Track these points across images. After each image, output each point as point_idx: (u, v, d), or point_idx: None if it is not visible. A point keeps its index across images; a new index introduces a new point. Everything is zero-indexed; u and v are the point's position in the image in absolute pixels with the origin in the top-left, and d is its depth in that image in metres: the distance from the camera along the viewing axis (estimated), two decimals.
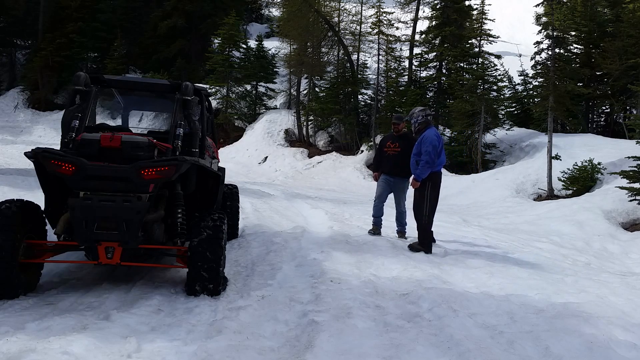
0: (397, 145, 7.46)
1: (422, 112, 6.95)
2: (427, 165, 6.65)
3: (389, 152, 7.53)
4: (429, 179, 6.70)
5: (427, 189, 6.73)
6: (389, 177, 7.52)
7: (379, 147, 7.97)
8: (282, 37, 25.41)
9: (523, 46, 25.71)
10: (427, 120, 6.92)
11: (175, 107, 4.84)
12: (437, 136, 6.84)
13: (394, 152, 7.46)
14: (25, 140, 22.96)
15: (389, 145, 7.58)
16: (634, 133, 12.45)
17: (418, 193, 6.82)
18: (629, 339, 3.84)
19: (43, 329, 3.48)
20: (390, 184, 7.54)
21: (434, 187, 6.79)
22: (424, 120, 6.88)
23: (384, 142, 7.77)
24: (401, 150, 7.35)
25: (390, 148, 7.54)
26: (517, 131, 19.22)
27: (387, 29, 21.73)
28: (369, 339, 3.59)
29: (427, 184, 6.71)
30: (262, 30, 34.78)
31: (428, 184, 6.71)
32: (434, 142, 6.69)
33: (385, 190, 7.57)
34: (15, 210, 4.12)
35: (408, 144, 7.31)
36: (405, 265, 5.75)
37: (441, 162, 6.83)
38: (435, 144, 6.71)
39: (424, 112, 6.94)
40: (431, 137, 6.71)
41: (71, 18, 29.21)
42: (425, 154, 6.64)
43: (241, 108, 25.74)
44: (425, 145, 6.67)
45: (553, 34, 14.98)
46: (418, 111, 6.96)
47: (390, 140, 7.62)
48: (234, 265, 5.47)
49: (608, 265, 7.95)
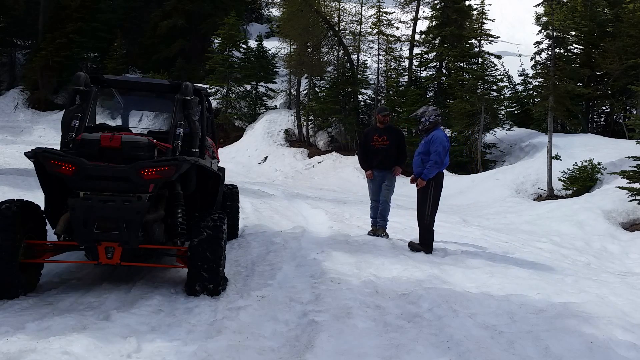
0: (386, 139, 7.36)
1: (435, 111, 6.96)
2: (435, 166, 6.70)
3: (377, 145, 7.39)
4: (433, 179, 6.76)
5: (430, 188, 6.77)
6: (377, 171, 7.44)
7: (363, 141, 7.73)
8: (282, 37, 25.39)
9: (523, 46, 25.70)
10: (437, 120, 6.93)
11: (175, 107, 4.83)
12: (446, 137, 6.91)
13: (382, 146, 7.35)
14: (25, 140, 22.95)
15: (376, 139, 7.41)
16: (634, 133, 12.45)
17: (421, 193, 6.84)
18: (629, 339, 3.84)
19: (43, 329, 3.48)
20: (379, 178, 7.46)
21: (437, 187, 6.83)
22: (435, 120, 6.89)
23: (369, 136, 7.57)
24: (390, 143, 7.31)
25: (378, 142, 7.39)
26: (517, 131, 19.22)
27: (387, 29, 21.73)
28: (369, 339, 3.59)
29: (430, 184, 6.75)
30: (262, 30, 34.78)
31: (432, 183, 6.75)
32: (444, 143, 6.77)
33: (378, 186, 7.50)
34: (15, 210, 4.12)
35: (396, 137, 7.38)
36: (405, 265, 5.75)
37: (446, 163, 6.91)
38: (445, 145, 6.80)
39: (437, 112, 6.96)
40: (441, 138, 6.78)
41: (71, 18, 29.17)
42: (435, 154, 6.67)
43: (241, 108, 25.74)
44: (435, 145, 6.70)
45: (553, 34, 14.98)
46: (431, 110, 6.95)
47: (377, 134, 7.46)
48: (234, 265, 5.47)
49: (608, 265, 7.94)
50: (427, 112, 6.91)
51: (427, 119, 6.87)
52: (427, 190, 6.78)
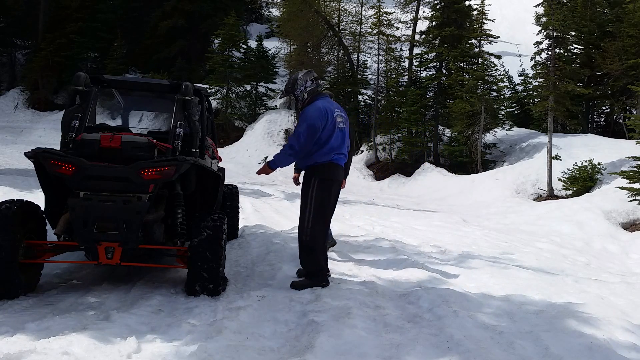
0: None
1: (308, 75, 4.90)
2: (289, 152, 4.71)
3: None
4: (316, 174, 4.77)
5: (312, 188, 4.77)
6: None
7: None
8: (282, 37, 25.43)
9: (523, 46, 25.70)
10: (317, 86, 4.89)
11: (175, 107, 4.83)
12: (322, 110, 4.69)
13: None
14: (25, 140, 22.94)
15: None
16: (634, 133, 12.44)
17: (302, 194, 4.86)
18: (629, 339, 3.84)
19: (43, 329, 3.48)
20: None
21: (323, 187, 4.76)
22: (313, 87, 4.86)
23: None
24: None
25: None
26: (517, 131, 19.22)
27: (387, 29, 21.72)
28: (369, 339, 3.59)
29: (312, 182, 4.78)
30: (262, 30, 34.75)
31: (314, 181, 4.77)
32: (312, 120, 4.62)
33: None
34: (15, 210, 4.12)
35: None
36: (405, 265, 5.75)
37: (333, 148, 4.76)
38: (314, 123, 4.62)
39: (311, 76, 4.89)
40: (309, 112, 4.68)
41: (71, 18, 29.19)
42: (292, 137, 4.71)
43: (241, 108, 25.73)
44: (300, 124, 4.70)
45: (553, 34, 14.96)
46: (303, 75, 4.89)
47: None
48: (234, 265, 5.47)
49: (608, 265, 7.95)
50: (299, 80, 4.85)
51: (303, 87, 4.86)
52: (307, 191, 4.79)
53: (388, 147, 20.32)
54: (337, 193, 4.97)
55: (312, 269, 4.78)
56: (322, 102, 4.80)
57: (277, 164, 4.77)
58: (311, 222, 4.72)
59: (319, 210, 4.74)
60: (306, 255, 4.80)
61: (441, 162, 19.05)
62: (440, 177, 17.01)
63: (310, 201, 4.74)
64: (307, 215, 4.74)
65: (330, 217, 4.98)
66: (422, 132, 19.82)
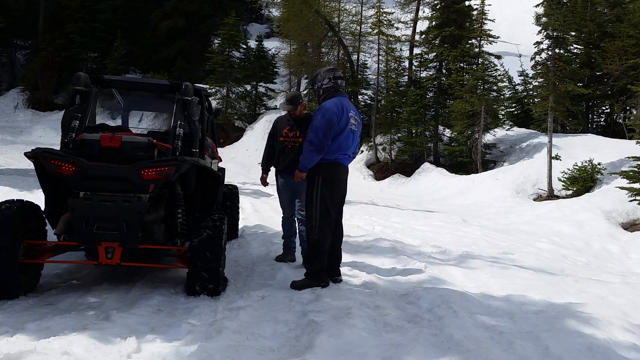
0: (298, 134, 5.55)
1: (330, 73, 4.94)
2: (311, 148, 4.70)
3: (287, 143, 5.64)
4: (320, 172, 4.79)
5: (316, 186, 4.80)
6: (288, 176, 5.48)
7: (270, 134, 5.93)
8: (282, 37, 25.40)
9: (523, 46, 25.71)
10: (336, 85, 4.89)
11: (175, 108, 4.83)
12: (339, 107, 4.74)
13: (293, 144, 5.59)
14: (25, 140, 22.93)
15: (286, 133, 5.66)
16: (634, 133, 12.45)
17: (307, 193, 4.92)
18: (629, 339, 3.84)
19: (43, 329, 3.48)
20: (291, 187, 5.64)
21: (327, 184, 4.80)
22: (330, 85, 4.87)
23: (279, 129, 5.75)
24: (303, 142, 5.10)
25: (288, 139, 5.64)
26: (517, 131, 19.23)
27: (387, 29, 21.71)
28: (369, 339, 3.59)
29: (316, 179, 4.80)
30: (262, 31, 34.75)
31: (318, 178, 4.79)
32: (329, 115, 4.66)
33: (290, 196, 5.75)
34: (15, 210, 4.12)
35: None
36: (405, 266, 5.75)
37: (340, 147, 4.79)
38: (330, 118, 4.66)
39: (333, 74, 4.92)
40: (327, 108, 4.71)
41: (71, 18, 29.17)
42: (311, 132, 4.71)
43: (241, 108, 25.73)
44: (315, 118, 4.73)
45: (553, 34, 14.97)
46: (325, 71, 4.97)
47: (288, 128, 5.68)
48: (234, 265, 5.47)
49: (608, 265, 7.95)
50: (320, 75, 4.95)
51: (320, 83, 4.90)
52: (312, 189, 4.83)
53: (388, 147, 20.32)
54: (343, 192, 5.03)
55: (316, 269, 4.80)
56: (339, 99, 4.84)
57: (305, 165, 4.80)
58: (318, 220, 4.77)
59: (325, 209, 4.79)
60: (314, 255, 4.81)
61: (441, 162, 19.05)
62: (441, 177, 17.01)
63: (315, 200, 4.78)
64: (314, 213, 4.79)
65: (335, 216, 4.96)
66: (422, 132, 19.82)
